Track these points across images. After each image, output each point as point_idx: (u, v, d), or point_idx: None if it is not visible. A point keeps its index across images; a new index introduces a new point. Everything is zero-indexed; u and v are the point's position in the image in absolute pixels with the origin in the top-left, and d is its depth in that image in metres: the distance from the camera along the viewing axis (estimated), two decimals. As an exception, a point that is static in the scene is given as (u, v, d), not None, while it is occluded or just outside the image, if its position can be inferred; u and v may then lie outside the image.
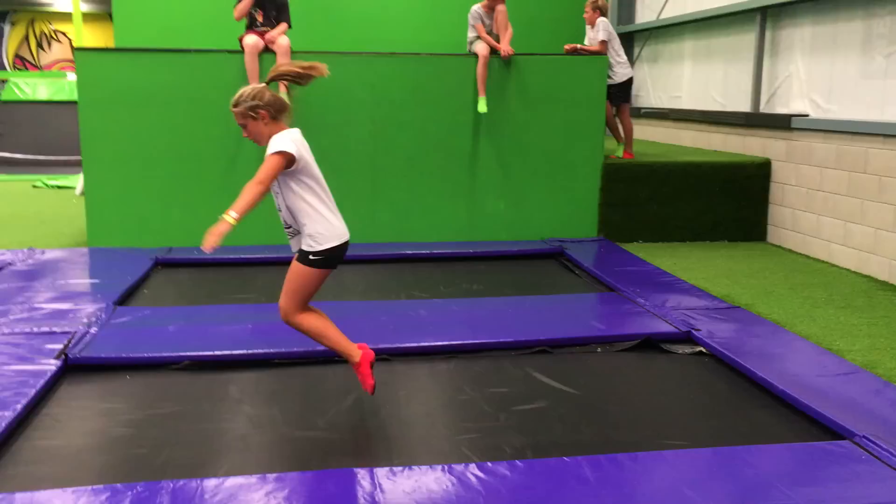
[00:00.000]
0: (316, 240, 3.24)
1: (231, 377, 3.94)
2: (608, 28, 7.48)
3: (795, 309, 5.17)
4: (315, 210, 3.24)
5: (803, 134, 6.88)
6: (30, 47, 22.92)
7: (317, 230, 3.24)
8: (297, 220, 3.26)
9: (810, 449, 3.08)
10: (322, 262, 3.24)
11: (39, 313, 4.71)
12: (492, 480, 2.76)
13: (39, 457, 3.10)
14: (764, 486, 2.76)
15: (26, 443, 3.21)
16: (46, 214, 8.53)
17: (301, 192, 3.22)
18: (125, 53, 6.90)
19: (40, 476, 2.92)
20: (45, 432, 3.31)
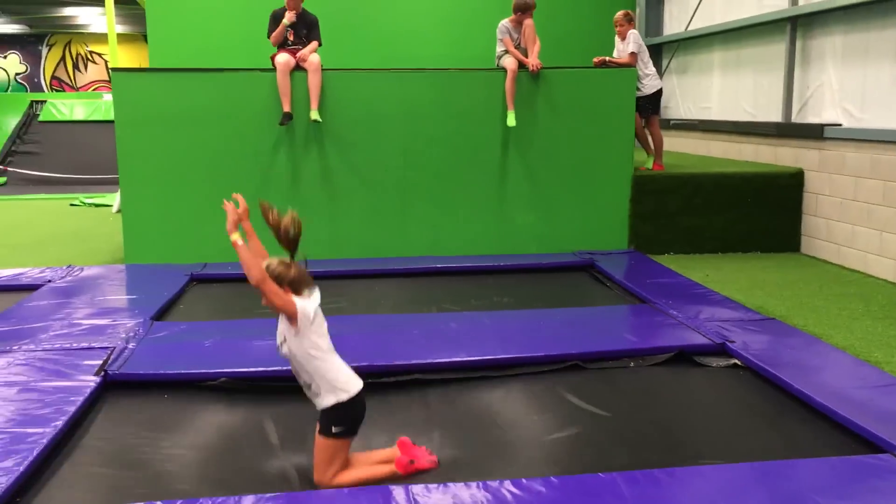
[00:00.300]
0: (337, 390, 3.01)
1: (266, 395, 3.96)
2: (638, 40, 7.48)
3: (832, 320, 5.11)
4: (327, 369, 3.04)
5: (836, 143, 6.82)
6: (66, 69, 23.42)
7: (335, 379, 3.03)
8: (313, 380, 3.04)
9: (850, 463, 3.04)
10: (346, 433, 3.02)
11: (78, 329, 4.80)
12: (527, 497, 2.76)
13: (78, 473, 3.15)
14: (804, 500, 2.73)
15: (66, 459, 3.26)
16: (84, 232, 8.69)
17: (311, 353, 3.01)
18: (160, 73, 7.03)
19: (80, 493, 2.98)
20: (84, 449, 3.36)
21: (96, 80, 23.38)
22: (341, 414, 3.00)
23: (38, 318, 5.07)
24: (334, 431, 2.99)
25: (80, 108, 15.39)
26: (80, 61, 23.57)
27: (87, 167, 14.12)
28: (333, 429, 2.99)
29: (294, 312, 2.95)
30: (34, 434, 3.28)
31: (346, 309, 5.58)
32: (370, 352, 4.35)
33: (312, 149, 6.94)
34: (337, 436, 2.99)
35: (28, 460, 3.05)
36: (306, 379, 3.05)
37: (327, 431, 2.99)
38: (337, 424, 2.99)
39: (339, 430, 3.00)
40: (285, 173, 6.95)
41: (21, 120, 16.36)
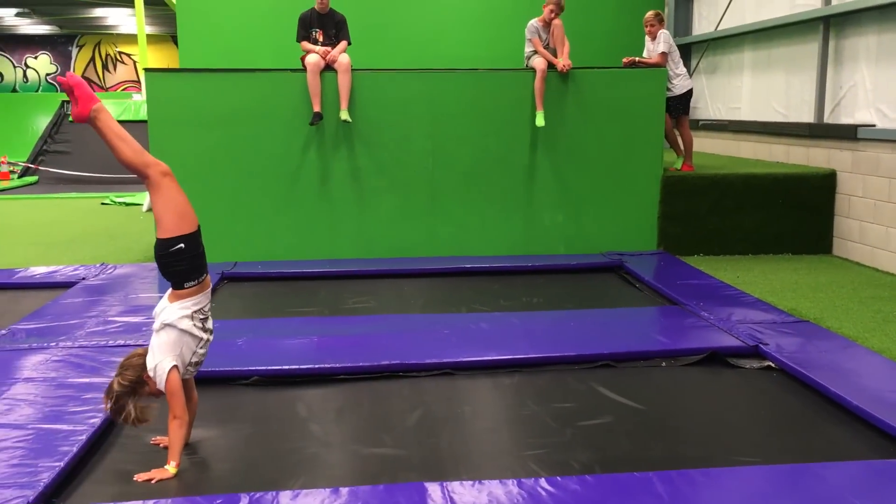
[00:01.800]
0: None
1: (298, 392, 3.99)
2: (669, 40, 7.44)
3: (866, 323, 5.05)
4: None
5: (870, 144, 6.74)
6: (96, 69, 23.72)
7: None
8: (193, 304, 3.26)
9: (887, 466, 3.01)
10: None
11: (113, 326, 4.87)
12: (562, 495, 2.76)
13: (117, 470, 3.17)
14: (841, 503, 2.71)
15: (104, 456, 3.29)
16: (115, 230, 8.80)
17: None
18: (192, 74, 7.10)
19: (119, 489, 2.99)
20: (121, 446, 3.39)
21: (125, 81, 23.67)
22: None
23: (73, 315, 5.14)
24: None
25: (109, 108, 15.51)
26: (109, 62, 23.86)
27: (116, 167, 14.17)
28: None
29: (177, 375, 3.13)
30: (72, 431, 3.32)
31: (376, 308, 5.61)
32: (402, 351, 4.37)
33: (342, 148, 6.97)
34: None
35: (66, 458, 3.08)
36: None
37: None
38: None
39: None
40: (315, 173, 6.99)
41: (52, 120, 16.59)
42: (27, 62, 23.75)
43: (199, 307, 3.21)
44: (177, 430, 3.09)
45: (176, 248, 3.14)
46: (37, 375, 3.98)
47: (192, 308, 3.18)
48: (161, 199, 3.20)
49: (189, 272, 3.18)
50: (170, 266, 3.17)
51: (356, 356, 4.30)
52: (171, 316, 3.16)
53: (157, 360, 3.12)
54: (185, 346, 3.18)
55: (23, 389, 3.80)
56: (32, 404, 3.62)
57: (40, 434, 3.29)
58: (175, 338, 3.15)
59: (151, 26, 20.91)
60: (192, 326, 3.18)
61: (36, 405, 3.61)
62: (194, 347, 3.21)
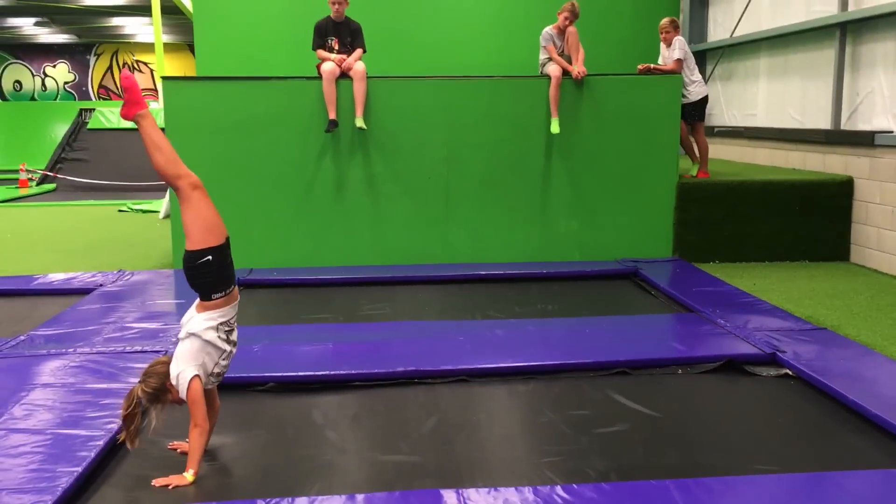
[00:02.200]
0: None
1: (314, 399, 4.00)
2: (684, 47, 7.42)
3: (884, 331, 5.01)
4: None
5: (887, 151, 6.69)
6: (114, 77, 23.92)
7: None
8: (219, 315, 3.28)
9: (908, 476, 2.98)
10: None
11: (130, 333, 4.90)
12: (578, 503, 2.75)
13: (135, 476, 3.18)
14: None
15: (121, 462, 3.30)
16: (133, 237, 8.86)
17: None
18: (209, 81, 7.16)
19: (137, 496, 3.01)
20: (140, 453, 3.38)
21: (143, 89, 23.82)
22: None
23: (91, 321, 5.18)
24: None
25: (128, 117, 15.68)
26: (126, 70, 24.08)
27: (133, 174, 14.39)
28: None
29: (200, 386, 3.16)
30: (90, 437, 3.34)
31: (391, 315, 5.62)
32: (417, 358, 4.37)
33: (357, 156, 7.00)
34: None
35: (84, 463, 3.10)
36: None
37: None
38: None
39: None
40: (330, 180, 7.02)
41: (70, 128, 16.75)
42: (45, 71, 23.98)
43: (225, 319, 3.24)
44: (197, 438, 3.10)
45: (203, 260, 3.16)
46: (55, 381, 4.01)
47: (218, 320, 3.20)
48: (190, 211, 3.21)
49: (216, 284, 3.20)
50: (197, 277, 3.19)
51: (371, 363, 4.31)
52: (196, 326, 3.18)
53: (179, 368, 3.14)
54: (208, 356, 3.19)
55: (41, 395, 3.83)
56: (51, 409, 3.65)
57: (58, 439, 3.32)
58: (198, 347, 3.17)
59: (168, 35, 21.07)
60: (217, 338, 3.20)
61: (54, 410, 3.64)
62: (217, 359, 3.23)
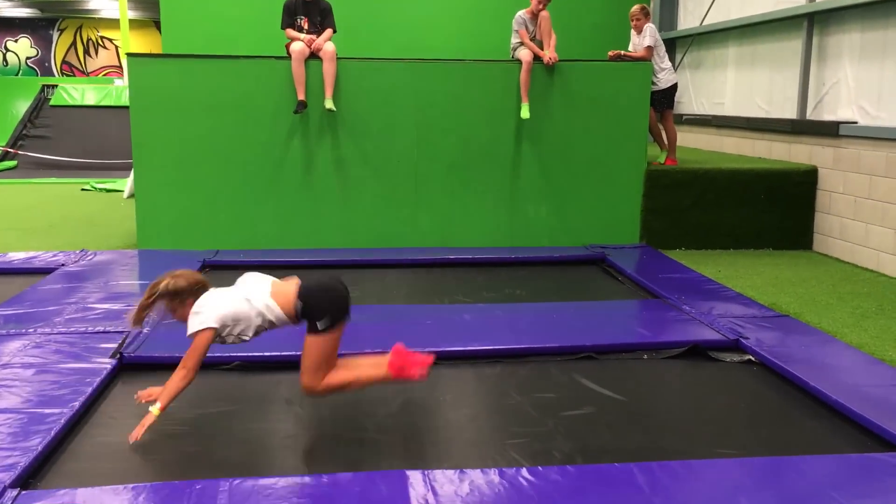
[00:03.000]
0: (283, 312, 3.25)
1: (281, 378, 3.98)
2: (655, 34, 7.45)
3: (845, 318, 5.10)
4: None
5: (851, 141, 6.79)
6: (77, 54, 23.45)
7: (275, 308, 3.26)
8: (278, 316, 3.28)
9: (866, 460, 3.04)
10: (331, 324, 3.19)
11: (93, 313, 4.82)
12: (543, 485, 2.77)
13: (98, 454, 3.17)
14: (819, 496, 2.73)
15: (85, 440, 3.28)
16: (96, 217, 8.71)
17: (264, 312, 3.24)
18: (176, 59, 7.03)
19: (99, 472, 2.99)
20: (102, 430, 3.38)
21: (107, 66, 23.40)
22: (316, 308, 3.12)
23: (53, 301, 5.09)
24: (320, 327, 3.10)
25: (91, 93, 15.38)
26: (90, 46, 23.59)
27: (97, 152, 14.13)
28: (318, 325, 3.11)
29: (210, 337, 3.17)
30: (51, 414, 3.30)
31: (359, 299, 5.51)
32: (384, 341, 4.34)
33: (326, 137, 6.94)
34: (324, 331, 3.12)
35: (46, 440, 3.08)
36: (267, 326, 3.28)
37: (314, 329, 3.13)
38: (319, 318, 3.11)
39: (324, 324, 3.11)
40: (299, 161, 6.95)
41: (32, 104, 16.35)
42: (7, 45, 23.42)
43: (276, 324, 3.28)
44: (179, 380, 3.14)
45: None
46: (15, 361, 3.95)
47: (274, 317, 3.24)
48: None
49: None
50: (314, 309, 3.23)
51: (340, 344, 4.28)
52: (259, 302, 3.20)
53: (204, 310, 3.15)
54: (238, 325, 3.21)
55: (0, 374, 3.76)
56: (10, 389, 3.59)
57: (18, 418, 3.27)
58: (240, 313, 3.19)
59: (134, 11, 20.69)
60: (257, 325, 3.25)
61: (14, 390, 3.58)
62: (238, 332, 3.25)
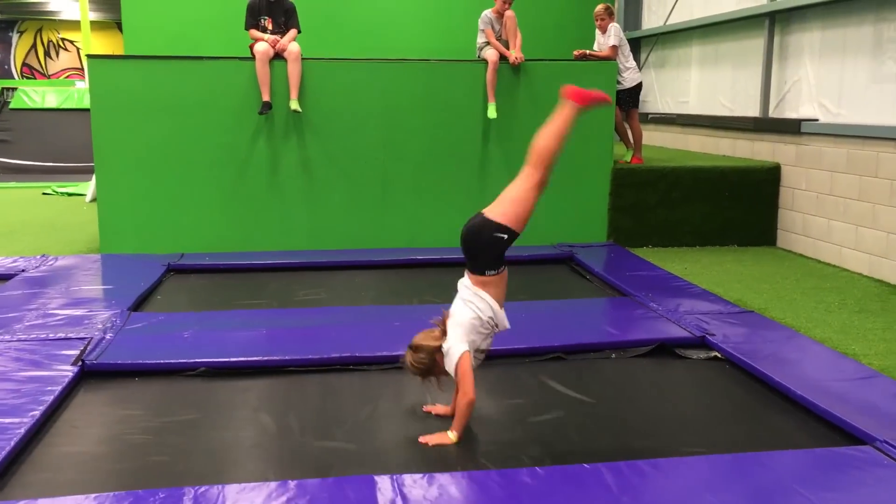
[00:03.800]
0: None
1: (247, 384, 3.93)
2: (619, 33, 7.49)
3: (809, 313, 5.16)
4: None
5: (813, 138, 6.88)
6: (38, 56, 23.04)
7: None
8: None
9: (831, 454, 3.06)
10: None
11: (54, 319, 4.73)
12: (512, 487, 2.76)
13: (59, 463, 3.11)
14: (786, 491, 2.76)
15: (46, 449, 3.21)
16: (58, 221, 8.56)
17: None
18: (137, 61, 6.93)
19: (61, 482, 2.93)
20: (63, 438, 3.31)
21: (68, 68, 23.02)
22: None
23: (13, 307, 4.98)
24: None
25: (51, 96, 15.13)
26: (51, 48, 23.19)
27: (59, 155, 13.89)
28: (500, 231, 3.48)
29: (469, 359, 3.28)
30: (12, 424, 3.22)
31: (327, 300, 5.56)
32: (353, 343, 4.32)
33: (292, 139, 6.88)
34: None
35: (6, 449, 3.01)
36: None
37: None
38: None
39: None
40: (264, 163, 6.89)
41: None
42: (-35, 47, 22.96)
43: (492, 312, 3.42)
44: (465, 406, 3.21)
45: (501, 235, 3.48)
46: (-27, 370, 3.85)
47: (488, 308, 3.39)
48: (532, 200, 3.62)
49: (494, 262, 3.49)
50: (485, 247, 3.46)
51: (306, 348, 4.25)
52: (475, 303, 3.35)
53: (450, 343, 3.24)
54: (478, 334, 3.34)
55: (-42, 385, 3.67)
56: (-32, 400, 3.50)
57: (-23, 428, 3.19)
58: (471, 324, 3.31)
59: (95, 12, 20.36)
60: (486, 322, 3.37)
61: (-28, 400, 3.49)
62: (483, 337, 3.37)
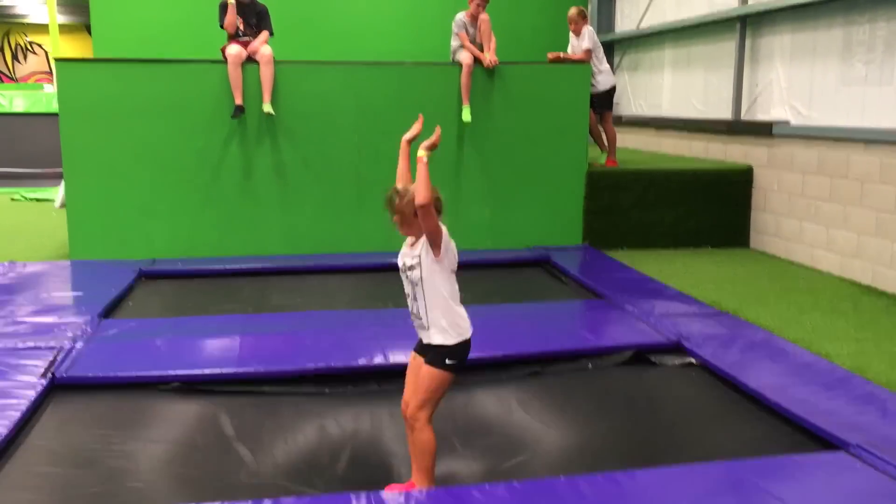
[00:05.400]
0: (448, 336, 3.03)
1: (221, 399, 3.83)
2: (593, 37, 7.51)
3: (782, 314, 5.20)
4: (449, 306, 3.07)
5: (785, 141, 6.95)
6: (5, 59, 22.68)
7: (453, 321, 3.05)
8: (432, 313, 3.07)
9: (806, 460, 3.07)
10: (456, 367, 3.05)
11: (23, 328, 4.64)
12: (489, 501, 2.73)
13: (29, 481, 3.03)
14: (762, 498, 2.76)
15: (14, 466, 3.13)
16: (26, 227, 8.42)
17: (442, 284, 3.04)
18: (107, 64, 6.84)
19: (28, 499, 2.86)
20: (33, 455, 3.23)
21: (36, 71, 22.69)
22: (455, 350, 3.02)
23: (-20, 316, 4.88)
24: (448, 363, 3.02)
25: (19, 100, 14.85)
26: (19, 52, 22.84)
27: (27, 160, 13.65)
28: (447, 361, 3.02)
29: (440, 237, 2.98)
30: (-22, 438, 3.15)
31: (301, 305, 5.51)
32: (329, 352, 4.27)
33: (265, 142, 6.82)
34: (448, 368, 3.02)
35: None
36: (418, 311, 3.07)
37: (439, 363, 3.01)
38: (450, 358, 3.02)
39: (452, 363, 3.02)
40: (237, 167, 6.82)
41: (-43, 111, 15.74)
42: (-70, 50, 22.55)
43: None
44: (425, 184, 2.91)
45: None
46: (-62, 382, 3.76)
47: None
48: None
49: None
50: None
51: (280, 360, 4.18)
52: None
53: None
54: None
55: (-77, 397, 3.58)
56: (-67, 412, 3.42)
57: (-57, 442, 3.11)
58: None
59: (63, 15, 20.10)
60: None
61: (-63, 413, 3.41)
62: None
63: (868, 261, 5.98)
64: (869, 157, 5.94)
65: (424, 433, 3.00)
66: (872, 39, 6.05)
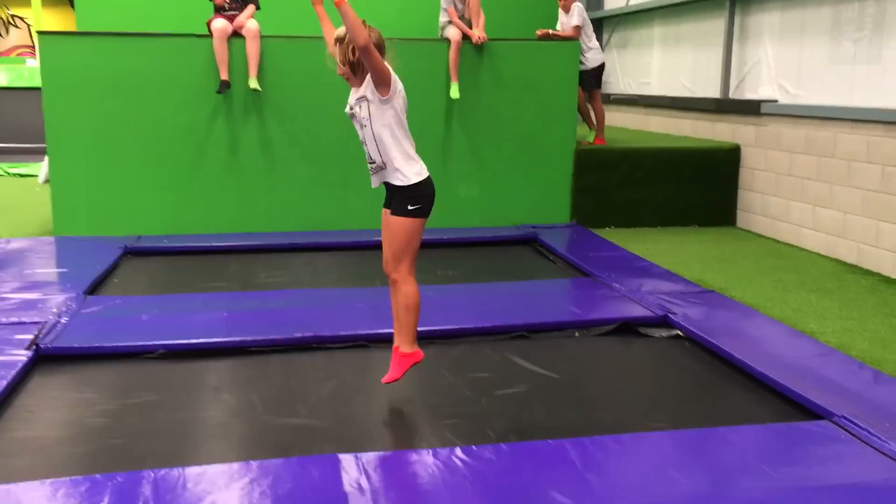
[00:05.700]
0: (405, 173, 3.00)
1: (207, 365, 3.88)
2: (583, 13, 7.47)
3: (768, 292, 5.23)
4: (402, 144, 3.07)
5: (772, 119, 6.96)
6: (-14, 33, 22.35)
7: (407, 157, 3.05)
8: (385, 152, 3.06)
9: (790, 429, 3.11)
10: (420, 212, 3.03)
11: (7, 303, 4.60)
12: (477, 464, 2.75)
13: (15, 449, 3.03)
14: (747, 465, 2.79)
15: (1, 435, 3.13)
16: (9, 203, 8.34)
17: (392, 123, 3.05)
18: (90, 37, 6.74)
19: (17, 468, 2.86)
20: (19, 424, 3.23)
21: (19, 45, 22.38)
22: (415, 192, 3.00)
23: (-37, 291, 4.84)
24: (410, 209, 3.00)
25: (2, 74, 14.67)
26: (1, 25, 22.53)
27: (10, 136, 13.51)
28: (409, 206, 2.99)
29: (388, 77, 2.98)
30: (-38, 410, 3.14)
31: (289, 283, 5.50)
32: (315, 323, 4.28)
33: (251, 118, 6.76)
34: (413, 213, 3.00)
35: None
36: (371, 155, 3.07)
37: (402, 210, 2.98)
38: (412, 202, 2.99)
39: (415, 208, 3.00)
40: (223, 143, 6.76)
41: (-62, 86, 15.53)
42: None
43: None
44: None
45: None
46: (-79, 355, 3.73)
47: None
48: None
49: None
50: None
51: (267, 329, 4.19)
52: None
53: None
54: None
55: None
56: (-84, 386, 3.39)
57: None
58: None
59: (47, -11, 19.79)
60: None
61: (-80, 386, 3.39)
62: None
63: (854, 239, 6.02)
64: (856, 136, 5.96)
65: (407, 285, 3.02)
66: (861, 18, 6.05)
